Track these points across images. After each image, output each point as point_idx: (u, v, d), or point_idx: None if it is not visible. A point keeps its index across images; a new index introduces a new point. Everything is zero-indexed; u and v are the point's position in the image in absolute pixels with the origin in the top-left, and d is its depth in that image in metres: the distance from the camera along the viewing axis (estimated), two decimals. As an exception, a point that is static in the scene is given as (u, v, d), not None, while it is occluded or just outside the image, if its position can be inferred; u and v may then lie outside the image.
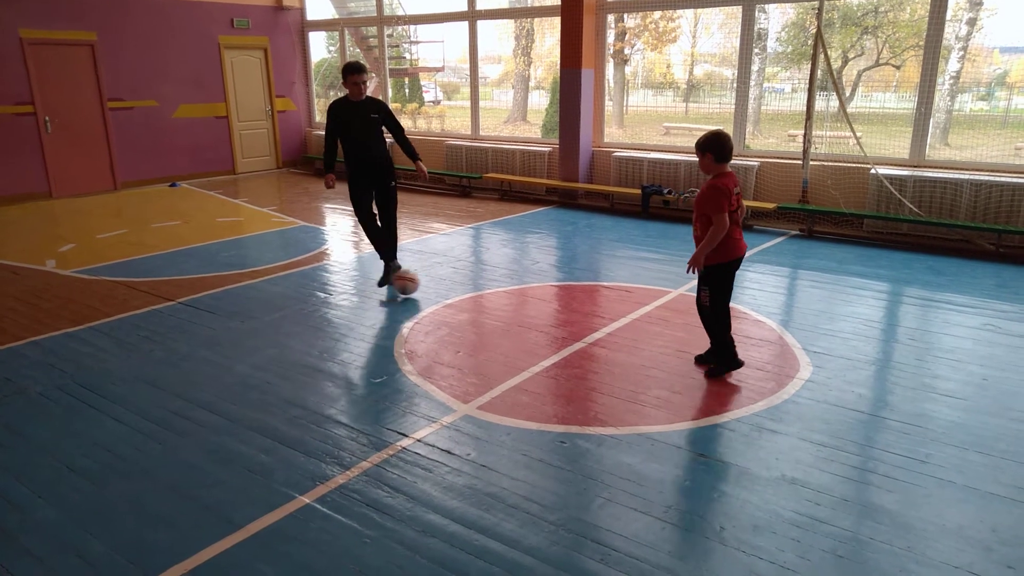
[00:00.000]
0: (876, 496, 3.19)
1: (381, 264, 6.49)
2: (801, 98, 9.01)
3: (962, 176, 7.74)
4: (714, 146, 4.17)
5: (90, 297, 6.16)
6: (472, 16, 11.65)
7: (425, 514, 3.09)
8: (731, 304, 4.52)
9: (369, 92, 6.73)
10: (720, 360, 4.50)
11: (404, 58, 16.99)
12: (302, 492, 3.25)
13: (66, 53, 10.92)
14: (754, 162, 9.06)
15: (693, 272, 4.42)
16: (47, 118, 10.80)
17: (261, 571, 2.74)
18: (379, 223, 6.39)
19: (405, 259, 7.36)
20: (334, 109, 6.12)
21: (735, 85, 9.40)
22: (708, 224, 4.23)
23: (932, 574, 2.69)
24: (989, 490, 3.23)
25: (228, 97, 13.00)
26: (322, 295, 6.18)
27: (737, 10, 9.21)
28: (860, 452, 3.56)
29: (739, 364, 4.49)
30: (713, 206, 4.18)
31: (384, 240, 6.37)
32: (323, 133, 14.04)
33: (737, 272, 4.52)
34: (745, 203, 8.72)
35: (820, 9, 8.19)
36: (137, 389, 4.35)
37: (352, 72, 6.03)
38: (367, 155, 6.19)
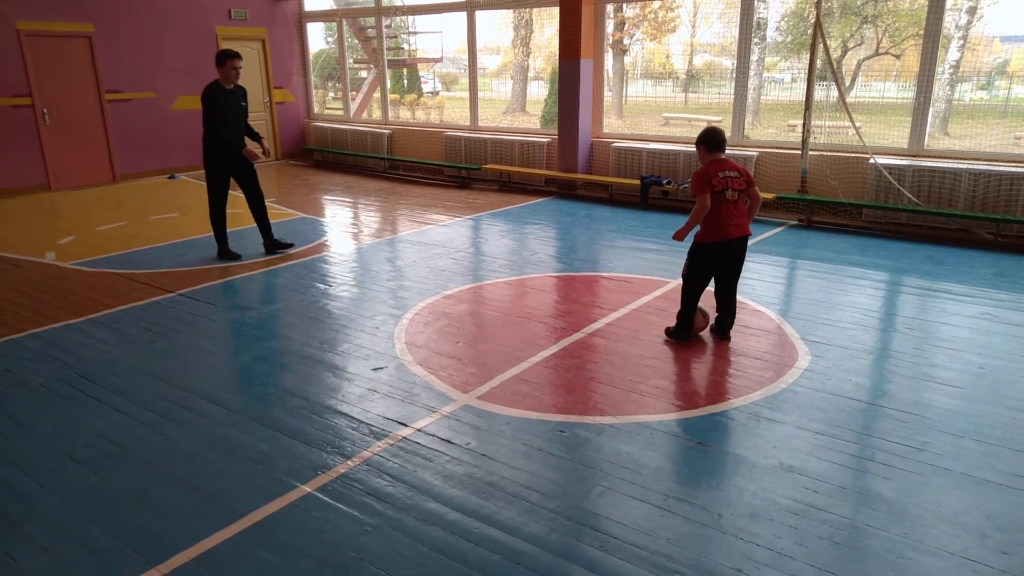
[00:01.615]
0: (873, 484, 3.22)
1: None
2: (800, 88, 9.00)
3: (961, 166, 7.74)
4: (705, 139, 4.73)
5: (90, 289, 6.17)
6: (471, 6, 11.61)
7: (426, 503, 3.11)
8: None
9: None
10: (679, 326, 4.88)
11: (402, 49, 16.94)
12: (303, 481, 3.27)
13: (64, 45, 10.89)
14: (753, 152, 9.06)
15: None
16: (45, 110, 10.78)
17: (263, 559, 2.76)
18: (249, 203, 7.15)
19: (404, 250, 7.38)
20: (213, 92, 6.63)
21: (734, 75, 9.39)
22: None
23: (928, 560, 2.72)
24: (985, 477, 3.25)
25: (226, 89, 12.96)
26: (322, 286, 6.20)
27: (736, -1, 9.19)
28: (857, 440, 3.58)
29: (687, 339, 4.87)
30: (694, 188, 4.68)
31: (230, 222, 7.24)
32: (322, 125, 14.00)
33: (744, 263, 4.79)
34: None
35: (819, -2, 8.17)
36: (138, 380, 4.37)
37: (232, 57, 6.62)
38: (238, 139, 6.82)
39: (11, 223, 8.85)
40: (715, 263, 4.73)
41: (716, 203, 4.59)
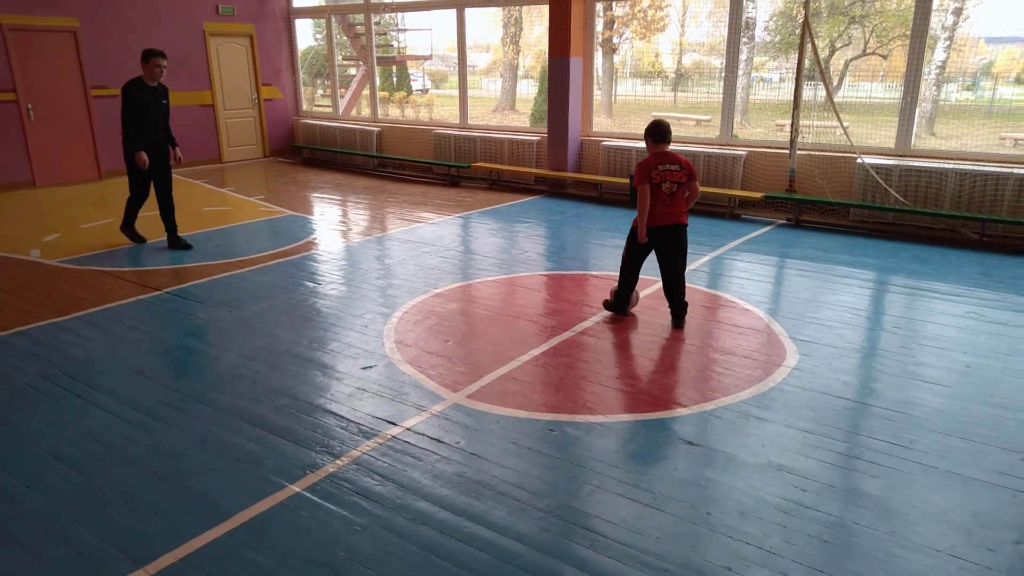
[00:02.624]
0: (861, 482, 3.24)
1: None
2: (789, 87, 9.04)
3: (947, 165, 7.80)
4: (651, 131, 5.10)
5: (76, 287, 6.11)
6: (460, 4, 11.58)
7: (415, 502, 3.10)
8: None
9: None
10: (617, 300, 5.31)
11: (392, 46, 16.89)
12: (292, 481, 3.26)
13: (48, 40, 10.77)
14: (742, 151, 9.09)
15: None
16: (30, 106, 10.66)
17: (252, 559, 2.75)
18: (158, 201, 7.27)
19: (394, 248, 7.36)
20: (133, 90, 6.78)
21: (723, 74, 9.42)
22: None
23: (915, 558, 2.74)
24: (971, 475, 3.28)
25: (214, 85, 12.88)
26: (310, 284, 6.16)
27: (725, -1, 9.21)
28: (845, 439, 3.60)
29: (624, 313, 5.33)
30: (637, 178, 5.06)
31: (166, 217, 7.33)
32: (311, 122, 13.93)
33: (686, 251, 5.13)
34: (733, 192, 8.77)
35: (808, -2, 8.21)
36: (125, 378, 4.33)
37: (157, 56, 6.83)
38: (155, 136, 6.96)
39: (-5, 220, 8.75)
40: (649, 246, 5.08)
41: (653, 193, 4.99)
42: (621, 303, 5.28)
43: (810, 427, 3.71)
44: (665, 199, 4.98)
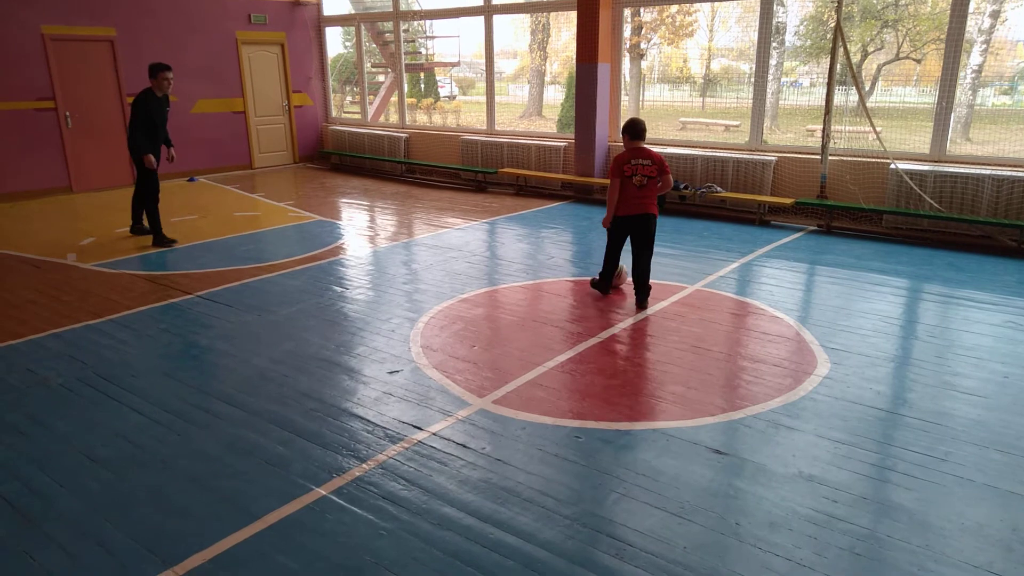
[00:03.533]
0: (894, 494, 3.17)
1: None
2: (820, 92, 8.92)
3: (984, 171, 7.64)
4: (627, 129, 5.63)
5: (110, 290, 6.23)
6: (488, 11, 11.63)
7: (440, 507, 3.10)
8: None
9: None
10: (602, 280, 5.98)
11: (420, 53, 17.01)
12: (319, 484, 3.28)
13: (87, 49, 11.03)
14: (771, 157, 8.99)
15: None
16: (68, 113, 10.92)
17: (279, 562, 2.77)
18: (139, 194, 7.98)
19: (420, 253, 7.39)
20: (146, 101, 7.53)
21: (752, 80, 9.33)
22: None
23: (951, 573, 2.67)
24: (1010, 489, 3.19)
25: (245, 92, 13.08)
26: (338, 289, 6.22)
27: (755, 4, 9.13)
28: (878, 450, 3.53)
29: (607, 292, 5.97)
30: (610, 171, 5.63)
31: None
32: (340, 128, 14.09)
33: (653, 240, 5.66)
34: (762, 198, 8.68)
35: (839, 2, 8.10)
36: (156, 381, 4.40)
37: (165, 69, 7.61)
38: (159, 141, 7.76)
39: (33, 224, 8.97)
40: (624, 233, 5.71)
41: (625, 185, 5.53)
42: (606, 283, 5.97)
43: (842, 437, 3.64)
44: (635, 191, 5.53)
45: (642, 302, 5.65)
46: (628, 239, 5.75)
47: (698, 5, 14.56)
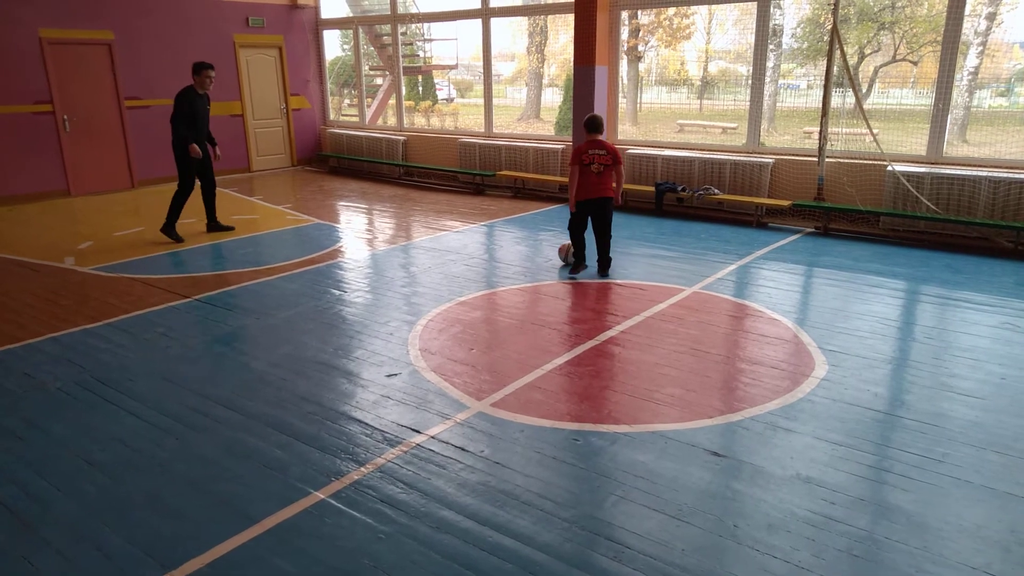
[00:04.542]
0: (892, 495, 3.17)
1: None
2: (817, 94, 8.94)
3: (980, 173, 7.65)
4: (585, 123, 6.53)
5: (108, 294, 6.23)
6: (486, 14, 11.65)
7: (439, 510, 3.10)
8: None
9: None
10: (575, 260, 6.67)
11: (418, 56, 17.04)
12: (317, 488, 3.28)
13: (84, 52, 11.03)
14: (769, 159, 9.01)
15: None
16: (65, 117, 10.92)
17: (277, 565, 2.76)
18: (205, 189, 8.38)
19: (419, 256, 7.39)
20: (188, 97, 7.82)
21: (750, 82, 9.35)
22: None
23: (949, 574, 2.67)
24: (1007, 490, 3.20)
25: (243, 95, 13.08)
26: (337, 292, 6.22)
27: (752, 6, 9.16)
28: (876, 451, 3.53)
29: (578, 271, 6.59)
30: (570, 160, 6.49)
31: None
32: (338, 131, 14.11)
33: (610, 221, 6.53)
34: (760, 200, 8.70)
35: (836, 5, 8.13)
36: (154, 385, 4.40)
37: (208, 68, 7.93)
38: (202, 136, 8.04)
39: (31, 228, 8.96)
40: (585, 215, 6.52)
41: (584, 173, 6.37)
42: (577, 263, 6.63)
43: (839, 439, 3.64)
44: (594, 178, 6.38)
45: (604, 272, 6.53)
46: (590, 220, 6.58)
47: (695, 8, 14.59)
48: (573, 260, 6.70)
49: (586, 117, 6.58)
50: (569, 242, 6.78)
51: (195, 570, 2.74)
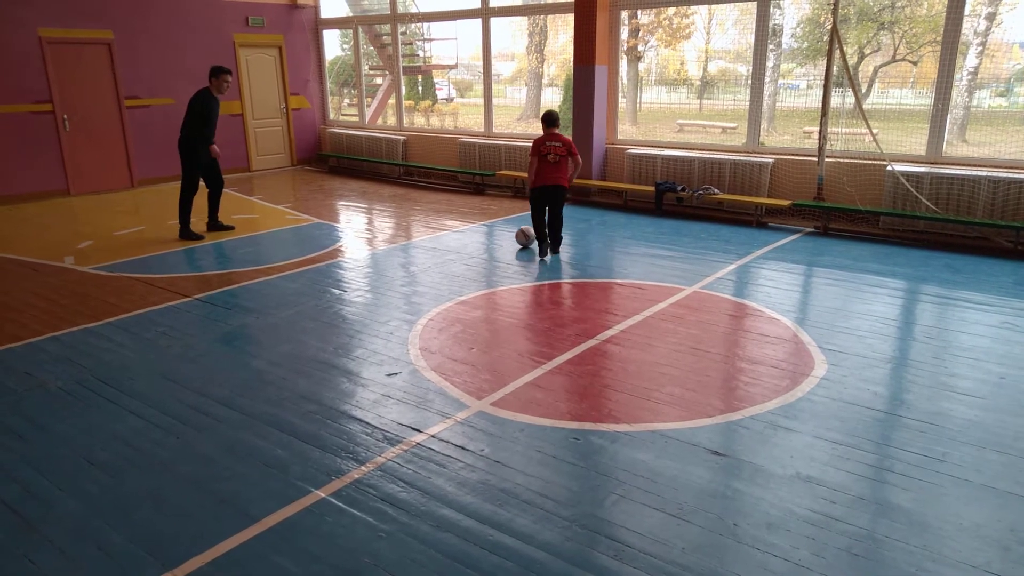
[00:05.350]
0: (892, 494, 3.18)
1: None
2: (816, 94, 8.94)
3: (980, 173, 7.66)
4: (543, 118, 7.21)
5: (108, 293, 6.23)
6: (485, 13, 11.65)
7: (439, 509, 3.10)
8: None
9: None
10: (538, 242, 7.25)
11: (417, 56, 17.03)
12: (318, 486, 3.28)
13: (84, 52, 11.03)
14: (769, 159, 9.01)
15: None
16: (65, 116, 10.91)
17: (278, 564, 2.77)
18: (212, 188, 8.46)
19: (418, 256, 7.40)
20: (206, 100, 7.96)
21: (749, 81, 9.35)
22: None
23: (949, 573, 2.68)
24: (1007, 489, 3.20)
25: (243, 95, 13.08)
26: (337, 291, 6.22)
27: (752, 6, 9.16)
28: (876, 450, 3.54)
29: (543, 253, 7.17)
30: (531, 151, 7.18)
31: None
32: (337, 131, 14.12)
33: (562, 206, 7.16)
34: (760, 200, 8.71)
35: (836, 4, 8.13)
36: (155, 384, 4.40)
37: (226, 73, 8.09)
38: (214, 135, 8.24)
39: (31, 227, 8.96)
40: (541, 201, 7.14)
41: (542, 163, 7.04)
42: (538, 241, 7.22)
43: (839, 438, 3.65)
44: (550, 167, 7.04)
45: (554, 249, 7.28)
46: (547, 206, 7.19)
47: (695, 8, 14.58)
48: (530, 242, 7.51)
49: (544, 112, 7.24)
50: (526, 227, 7.60)
51: (196, 568, 2.74)
